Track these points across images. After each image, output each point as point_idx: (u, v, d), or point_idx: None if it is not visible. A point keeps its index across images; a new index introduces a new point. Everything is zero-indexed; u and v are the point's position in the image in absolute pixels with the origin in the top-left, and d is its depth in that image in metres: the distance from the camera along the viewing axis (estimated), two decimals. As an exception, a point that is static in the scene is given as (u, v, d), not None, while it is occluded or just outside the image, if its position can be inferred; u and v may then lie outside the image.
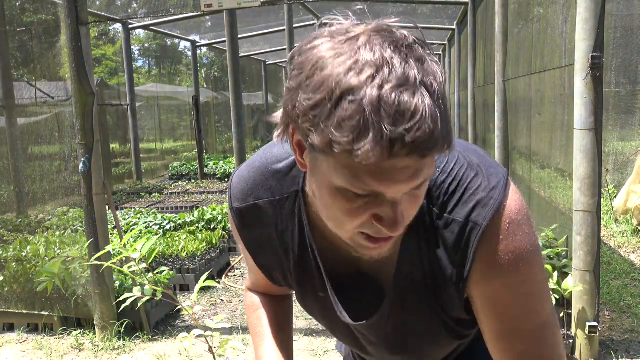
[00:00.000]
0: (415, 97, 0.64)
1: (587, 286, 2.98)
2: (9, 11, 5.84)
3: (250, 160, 1.00)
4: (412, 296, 0.92)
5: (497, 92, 4.96)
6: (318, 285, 0.98)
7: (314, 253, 0.95)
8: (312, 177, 0.77)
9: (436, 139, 0.65)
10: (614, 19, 6.75)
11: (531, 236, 0.86)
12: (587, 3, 2.78)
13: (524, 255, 0.84)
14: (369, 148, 0.63)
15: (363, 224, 0.75)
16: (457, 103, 10.54)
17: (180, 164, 11.95)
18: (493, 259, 0.84)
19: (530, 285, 0.87)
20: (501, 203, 0.83)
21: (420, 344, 1.01)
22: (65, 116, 4.22)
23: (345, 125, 0.64)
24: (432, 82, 0.66)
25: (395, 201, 0.71)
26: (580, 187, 2.92)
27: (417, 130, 0.63)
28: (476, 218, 0.83)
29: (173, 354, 3.49)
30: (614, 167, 7.00)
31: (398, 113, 0.63)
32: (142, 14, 11.35)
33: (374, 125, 0.63)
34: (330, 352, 3.42)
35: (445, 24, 10.72)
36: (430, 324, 0.94)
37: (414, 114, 0.63)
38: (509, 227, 0.83)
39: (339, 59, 0.66)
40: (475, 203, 0.83)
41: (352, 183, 0.69)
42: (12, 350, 3.67)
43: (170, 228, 5.75)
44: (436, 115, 0.65)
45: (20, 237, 4.43)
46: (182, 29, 12.30)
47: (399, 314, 0.94)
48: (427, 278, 0.89)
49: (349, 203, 0.72)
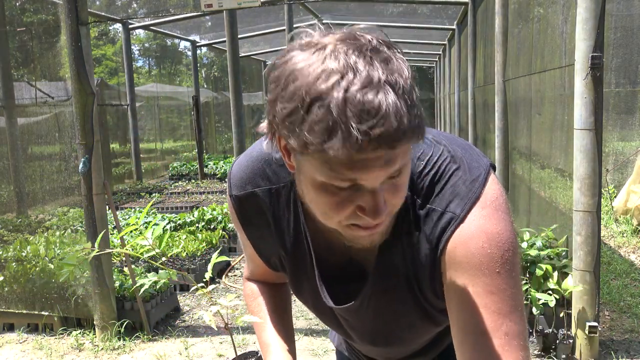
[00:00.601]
0: (379, 95, 0.69)
1: (587, 286, 2.98)
2: (9, 11, 5.84)
3: (249, 149, 1.05)
4: (393, 282, 0.96)
5: (497, 92, 4.96)
6: (310, 271, 1.02)
7: (307, 240, 1.00)
8: (299, 177, 0.83)
9: (402, 131, 0.70)
10: (614, 19, 6.75)
11: (506, 229, 0.86)
12: (587, 3, 2.78)
13: (499, 249, 0.85)
14: (339, 146, 0.69)
15: (349, 216, 0.80)
16: (457, 103, 10.53)
17: (180, 164, 11.95)
18: (468, 251, 0.86)
19: (500, 281, 0.86)
20: (479, 195, 0.87)
21: (400, 329, 1.05)
22: (65, 116, 4.22)
23: (316, 128, 0.70)
24: (397, 80, 0.71)
25: (374, 190, 0.77)
26: (580, 187, 2.92)
27: (382, 125, 0.69)
28: (454, 208, 0.87)
29: (173, 354, 3.49)
30: (614, 167, 7.00)
31: (363, 112, 0.69)
32: (142, 14, 11.35)
33: (341, 126, 0.69)
34: (330, 352, 3.42)
35: (445, 24, 10.72)
36: (410, 310, 0.99)
37: (378, 111, 0.69)
38: (485, 219, 0.86)
39: (309, 69, 0.72)
40: (455, 194, 0.88)
41: (331, 176, 0.75)
42: (12, 350, 3.67)
43: (170, 228, 5.75)
44: (401, 109, 0.70)
45: (20, 237, 4.43)
46: (182, 29, 12.30)
47: (380, 299, 0.98)
48: (407, 265, 0.94)
49: (332, 197, 0.78)
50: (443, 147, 0.92)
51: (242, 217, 1.05)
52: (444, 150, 0.92)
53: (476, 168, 0.90)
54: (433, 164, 0.90)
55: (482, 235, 0.86)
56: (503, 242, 0.86)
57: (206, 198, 8.28)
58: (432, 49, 14.42)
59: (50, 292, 3.85)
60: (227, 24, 5.55)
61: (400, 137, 0.70)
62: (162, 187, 9.87)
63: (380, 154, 0.72)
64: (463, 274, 0.87)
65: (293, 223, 1.00)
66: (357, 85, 0.69)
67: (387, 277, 0.96)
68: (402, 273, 0.95)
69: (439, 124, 15.22)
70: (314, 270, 1.01)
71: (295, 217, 0.99)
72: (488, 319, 0.86)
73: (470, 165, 0.90)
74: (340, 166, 0.73)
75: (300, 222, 0.99)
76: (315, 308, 1.10)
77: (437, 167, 0.90)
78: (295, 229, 1.00)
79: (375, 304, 1.00)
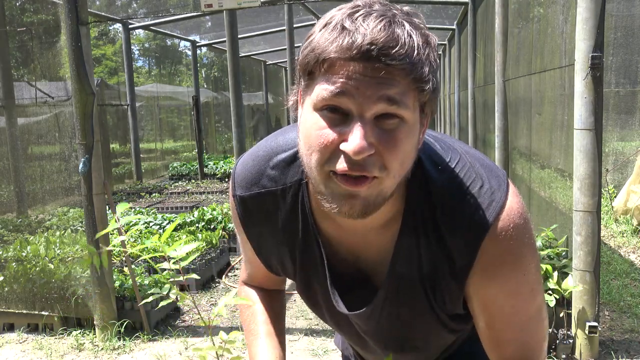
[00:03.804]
0: (392, 26, 0.73)
1: (587, 286, 2.98)
2: (9, 11, 5.84)
3: (255, 148, 1.02)
4: (406, 290, 0.93)
5: (497, 92, 4.96)
6: (320, 273, 0.99)
7: (317, 241, 0.96)
8: (301, 119, 0.82)
9: (401, 54, 0.71)
10: (614, 19, 6.75)
11: (531, 237, 0.88)
12: (587, 3, 2.78)
13: (525, 256, 0.87)
14: (336, 45, 0.73)
15: (332, 156, 0.77)
16: (457, 103, 10.53)
17: (180, 164, 11.94)
18: (495, 260, 0.86)
19: (526, 285, 0.90)
20: (503, 205, 0.85)
21: (413, 336, 1.03)
22: (65, 116, 4.22)
23: (322, 39, 0.75)
24: (416, 24, 0.76)
25: (363, 118, 0.74)
26: (580, 187, 2.92)
27: (384, 38, 0.71)
28: (480, 220, 0.84)
29: (173, 354, 3.49)
30: (614, 167, 7.00)
31: (366, 26, 0.72)
32: (142, 14, 11.34)
33: (343, 33, 0.73)
34: (330, 352, 3.42)
35: (445, 24, 10.72)
36: (424, 317, 0.96)
37: (382, 29, 0.72)
38: (512, 230, 0.85)
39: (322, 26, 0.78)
40: (479, 205, 0.85)
41: (328, 90, 0.75)
42: (12, 350, 3.67)
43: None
44: (410, 40, 0.72)
45: (20, 237, 4.43)
46: (182, 29, 12.29)
47: (393, 306, 0.96)
48: (423, 273, 0.91)
49: (323, 128, 0.77)
50: (460, 155, 0.90)
51: (244, 218, 1.01)
52: (461, 157, 0.89)
53: (496, 178, 0.88)
54: (451, 171, 0.88)
55: (512, 249, 0.86)
56: (529, 255, 0.88)
57: (206, 198, 8.28)
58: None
59: (50, 292, 3.85)
60: (227, 24, 5.55)
61: (398, 58, 0.71)
62: (162, 187, 9.86)
63: (375, 71, 0.72)
64: (489, 284, 0.89)
65: (302, 224, 0.96)
66: (373, 14, 0.74)
67: (400, 285, 0.93)
68: (416, 282, 0.92)
69: (439, 124, 15.22)
70: (325, 274, 0.98)
71: (304, 220, 0.96)
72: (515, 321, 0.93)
73: (490, 174, 0.88)
74: (338, 77, 0.74)
75: (309, 224, 0.95)
76: (328, 313, 1.06)
77: (457, 174, 0.87)
78: (304, 229, 0.96)
79: (388, 311, 0.97)
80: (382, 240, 0.92)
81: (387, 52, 0.71)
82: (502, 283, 0.88)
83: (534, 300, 0.92)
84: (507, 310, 0.91)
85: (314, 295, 1.03)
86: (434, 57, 0.76)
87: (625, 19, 6.83)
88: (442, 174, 0.87)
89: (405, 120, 0.76)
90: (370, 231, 0.92)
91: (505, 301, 0.90)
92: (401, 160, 0.78)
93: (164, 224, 5.78)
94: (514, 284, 0.88)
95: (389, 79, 0.73)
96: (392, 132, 0.76)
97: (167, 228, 1.10)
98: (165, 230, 5.75)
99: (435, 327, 0.98)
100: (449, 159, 0.88)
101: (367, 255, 0.96)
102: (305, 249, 0.98)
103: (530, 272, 0.88)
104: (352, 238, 0.94)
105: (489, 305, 0.91)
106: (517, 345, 0.94)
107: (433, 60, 0.75)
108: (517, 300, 0.90)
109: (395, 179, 0.79)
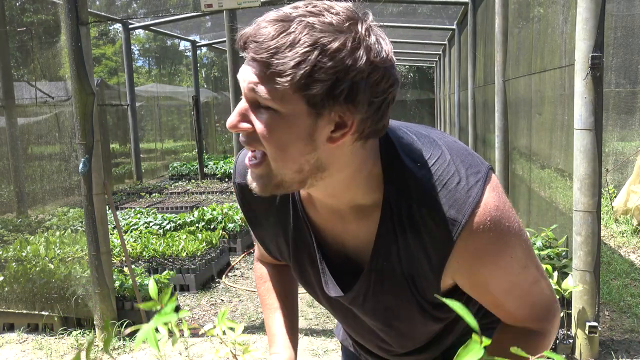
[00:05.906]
0: (274, 23, 0.78)
1: (587, 286, 2.98)
2: (9, 11, 5.83)
3: None
4: (388, 277, 0.97)
5: (497, 92, 4.96)
6: (313, 257, 1.05)
7: (308, 227, 1.02)
8: None
9: (261, 49, 0.77)
10: (614, 19, 6.75)
11: (511, 223, 0.90)
12: (587, 3, 2.78)
13: (507, 242, 0.91)
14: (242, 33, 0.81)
15: None
16: (457, 103, 10.53)
17: (180, 164, 11.94)
18: (478, 252, 0.90)
19: (517, 263, 0.94)
20: (479, 201, 0.87)
21: (399, 322, 1.07)
22: (65, 116, 4.22)
23: None
24: (324, 30, 0.76)
25: (246, 99, 0.83)
26: (580, 187, 2.92)
27: (249, 32, 0.79)
28: (455, 215, 0.87)
29: (173, 354, 3.49)
30: (614, 167, 7.00)
31: (261, 19, 0.80)
32: (142, 14, 11.33)
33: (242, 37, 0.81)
34: (330, 352, 3.42)
35: (446, 24, 10.71)
36: (406, 304, 1.01)
37: (260, 25, 0.79)
38: (489, 223, 0.88)
39: None
40: (454, 200, 0.87)
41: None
42: (12, 350, 3.67)
43: (170, 228, 5.75)
44: (275, 37, 0.77)
45: (20, 237, 4.43)
46: (182, 29, 12.29)
47: (376, 293, 1.00)
48: (402, 264, 0.95)
49: None
50: (441, 151, 0.92)
51: (244, 203, 1.11)
52: (442, 153, 0.91)
53: (474, 173, 0.90)
54: (430, 167, 0.90)
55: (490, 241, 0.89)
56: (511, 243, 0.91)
57: (206, 198, 8.28)
58: (432, 49, 14.40)
59: (50, 292, 3.85)
60: (227, 24, 5.54)
61: (255, 50, 0.77)
62: (162, 187, 9.86)
63: (251, 63, 0.79)
64: (474, 273, 0.93)
65: (292, 211, 1.03)
66: (277, 12, 0.80)
67: (382, 273, 0.98)
68: (397, 271, 0.96)
69: (439, 124, 15.22)
70: (316, 257, 1.04)
71: (294, 207, 1.02)
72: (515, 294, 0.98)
73: (469, 170, 0.90)
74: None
75: (298, 211, 1.02)
76: (322, 297, 1.12)
77: (435, 170, 0.89)
78: (295, 217, 1.03)
79: (373, 297, 1.01)
80: (362, 230, 0.97)
81: (248, 46, 0.79)
82: (492, 269, 0.92)
83: (529, 271, 0.96)
84: (505, 286, 0.96)
85: (309, 277, 1.09)
86: (319, 58, 0.76)
87: (625, 19, 6.83)
88: (420, 170, 0.90)
89: (275, 110, 0.81)
90: (348, 222, 0.97)
91: (501, 280, 0.95)
92: (276, 147, 0.83)
93: (164, 224, 5.79)
94: (503, 267, 0.92)
95: (255, 69, 0.80)
96: (263, 118, 0.82)
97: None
98: (165, 230, 5.76)
99: (419, 314, 1.03)
100: (429, 155, 0.91)
101: (350, 244, 1.01)
102: (297, 234, 1.04)
103: (516, 252, 0.92)
104: (334, 226, 1.00)
105: (486, 288, 0.96)
106: (528, 307, 1.00)
107: (314, 60, 0.75)
108: (512, 276, 0.95)
109: (278, 163, 0.84)
